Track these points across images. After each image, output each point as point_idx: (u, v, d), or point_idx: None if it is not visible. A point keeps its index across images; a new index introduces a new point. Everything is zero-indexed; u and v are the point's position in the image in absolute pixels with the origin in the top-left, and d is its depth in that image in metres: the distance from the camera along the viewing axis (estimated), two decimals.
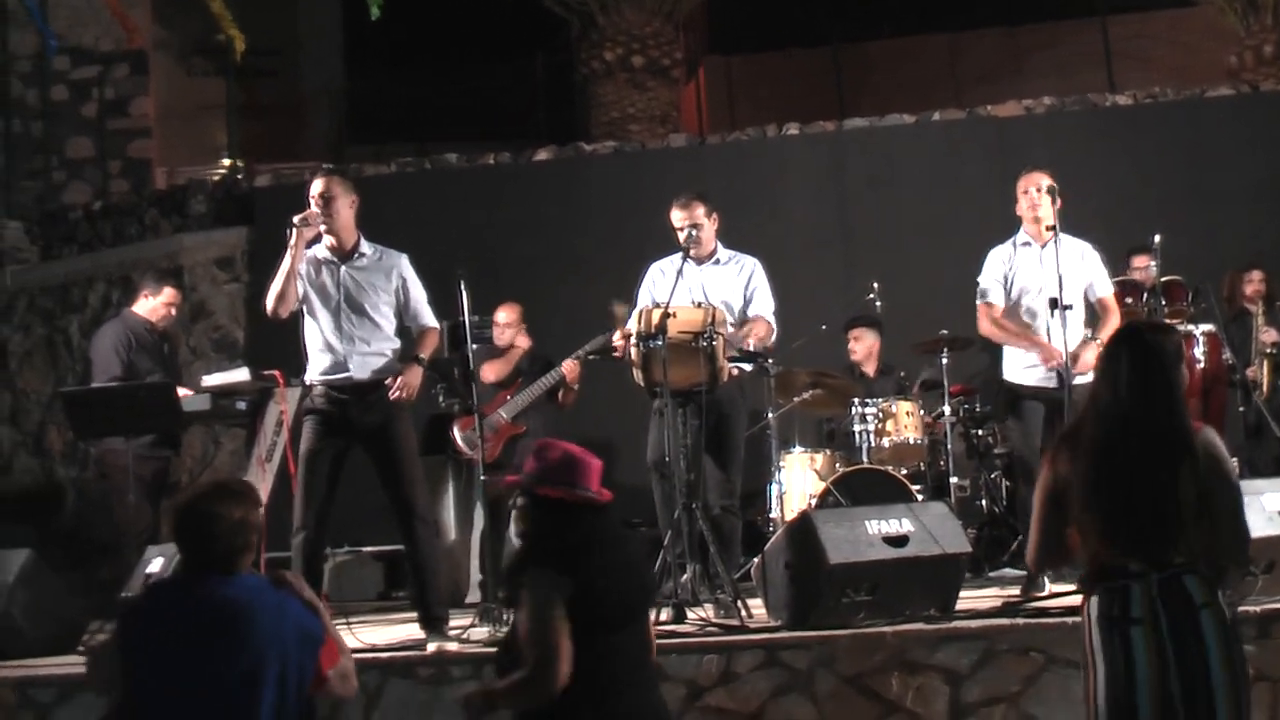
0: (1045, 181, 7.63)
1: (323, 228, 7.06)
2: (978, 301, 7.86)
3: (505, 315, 9.51)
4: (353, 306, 7.06)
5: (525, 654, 4.32)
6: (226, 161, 16.60)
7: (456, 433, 9.03)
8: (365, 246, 7.17)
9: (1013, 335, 7.73)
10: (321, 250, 7.14)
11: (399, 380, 6.99)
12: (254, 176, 13.58)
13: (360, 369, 7.02)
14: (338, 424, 6.99)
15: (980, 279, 7.87)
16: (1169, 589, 3.96)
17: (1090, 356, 7.19)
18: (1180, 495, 4.00)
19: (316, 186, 7.10)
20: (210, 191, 13.13)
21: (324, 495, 6.97)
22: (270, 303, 7.07)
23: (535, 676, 4.28)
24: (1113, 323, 7.52)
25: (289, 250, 6.98)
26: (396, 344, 7.18)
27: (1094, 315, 7.77)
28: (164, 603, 4.33)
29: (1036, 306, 7.68)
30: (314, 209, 7.04)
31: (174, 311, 9.31)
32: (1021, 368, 7.73)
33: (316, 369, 7.08)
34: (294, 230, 6.96)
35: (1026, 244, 7.79)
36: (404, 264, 7.25)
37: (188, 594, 4.26)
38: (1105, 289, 7.76)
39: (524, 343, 9.45)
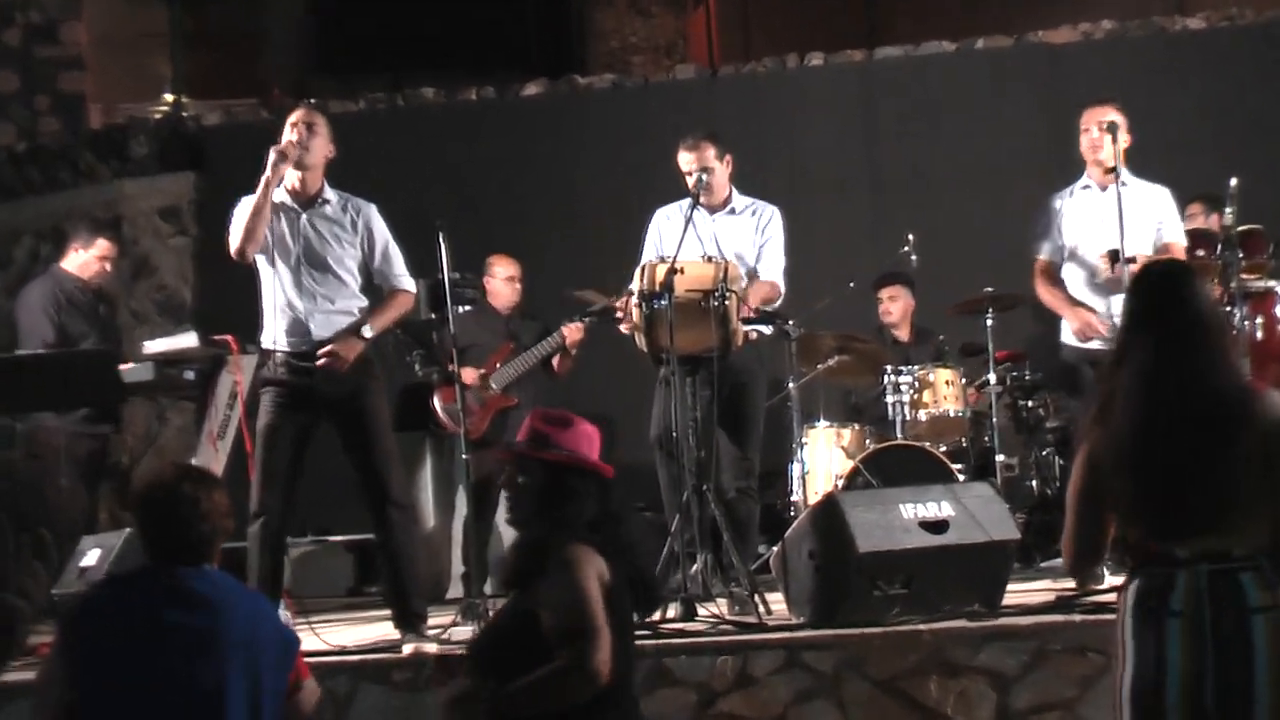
0: (1109, 116, 7.65)
1: (287, 179, 7.05)
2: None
3: (505, 268, 9.50)
4: (313, 261, 7.06)
5: (559, 641, 4.23)
6: (171, 97, 16.52)
7: (438, 404, 9.04)
8: (329, 193, 7.17)
9: (1054, 300, 7.85)
10: (279, 193, 7.11)
11: (328, 348, 6.97)
12: (203, 115, 13.53)
13: (324, 329, 7.03)
14: (300, 395, 7.00)
15: (1035, 228, 7.95)
16: (1220, 584, 3.81)
17: None
18: (1240, 472, 3.81)
19: (297, 113, 7.12)
20: (153, 131, 13.10)
21: (286, 476, 6.98)
22: (236, 240, 7.04)
23: (582, 665, 4.18)
24: None
25: (263, 180, 6.95)
26: (364, 303, 7.18)
27: None
28: (119, 599, 4.37)
29: (1093, 260, 7.73)
30: (294, 138, 7.02)
31: (110, 267, 9.33)
32: (1074, 330, 7.82)
33: (274, 333, 7.09)
34: (273, 160, 6.94)
35: (1086, 187, 7.84)
36: (372, 212, 7.26)
37: (150, 588, 4.31)
38: (1175, 235, 7.79)
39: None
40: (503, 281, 9.49)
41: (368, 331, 7.07)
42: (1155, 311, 4.02)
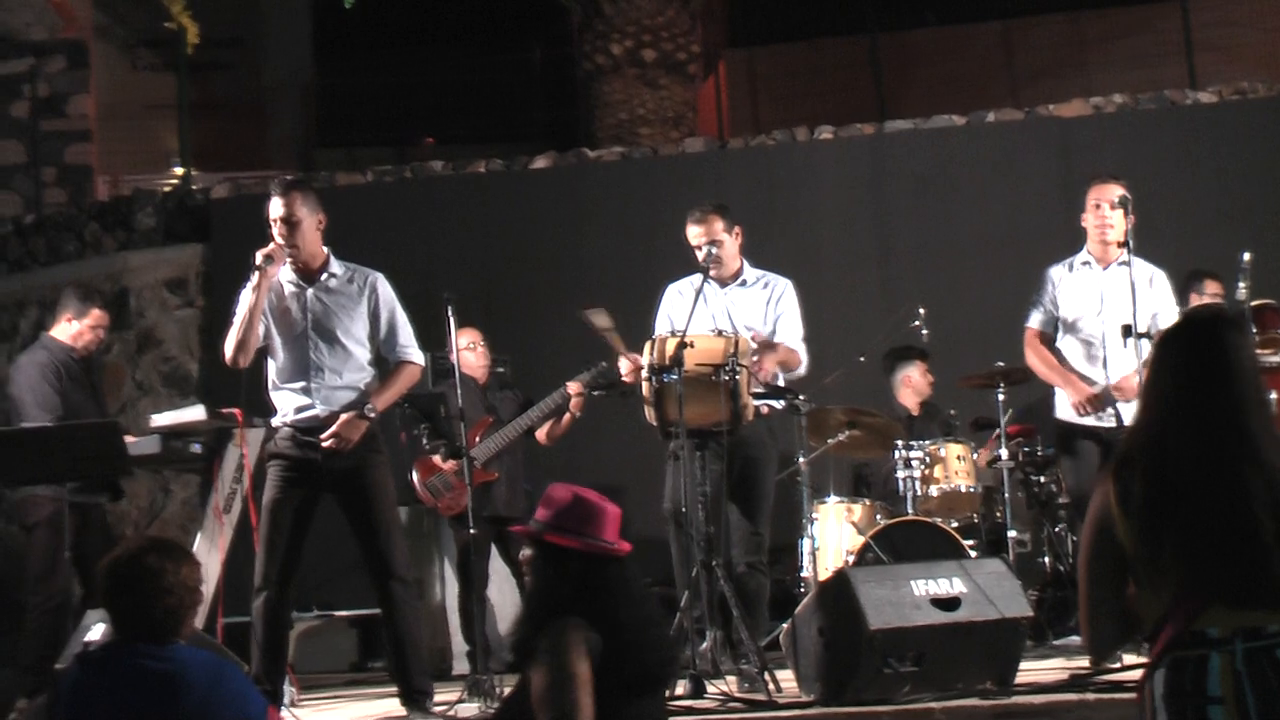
0: (1118, 193, 7.69)
1: (288, 260, 7.06)
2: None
3: (465, 338, 9.49)
4: (321, 334, 7.06)
5: (540, 715, 4.32)
6: (178, 169, 16.61)
7: (415, 479, 8.97)
8: (335, 265, 7.17)
9: (1048, 368, 7.92)
10: (285, 273, 7.13)
11: (333, 429, 6.95)
12: (210, 186, 13.61)
13: (327, 403, 7.02)
14: (304, 469, 6.99)
15: (1033, 298, 8.06)
16: (1259, 662, 3.51)
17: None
18: (1273, 533, 3.54)
19: (276, 208, 7.03)
20: (159, 203, 13.18)
21: (289, 551, 6.96)
22: (229, 351, 7.04)
23: None
24: None
25: (251, 291, 6.96)
26: (371, 375, 7.17)
27: None
28: (84, 681, 4.32)
29: (1092, 336, 7.78)
30: (278, 241, 7.01)
31: (102, 335, 9.35)
32: (1072, 404, 7.84)
33: (281, 406, 7.10)
34: (257, 271, 6.95)
35: (1086, 264, 7.89)
36: (380, 283, 7.24)
37: (115, 666, 4.26)
38: (1171, 320, 7.79)
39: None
40: (465, 352, 9.40)
41: (371, 411, 7.05)
42: (1199, 360, 3.73)
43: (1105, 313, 7.76)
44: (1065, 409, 7.88)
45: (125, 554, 4.37)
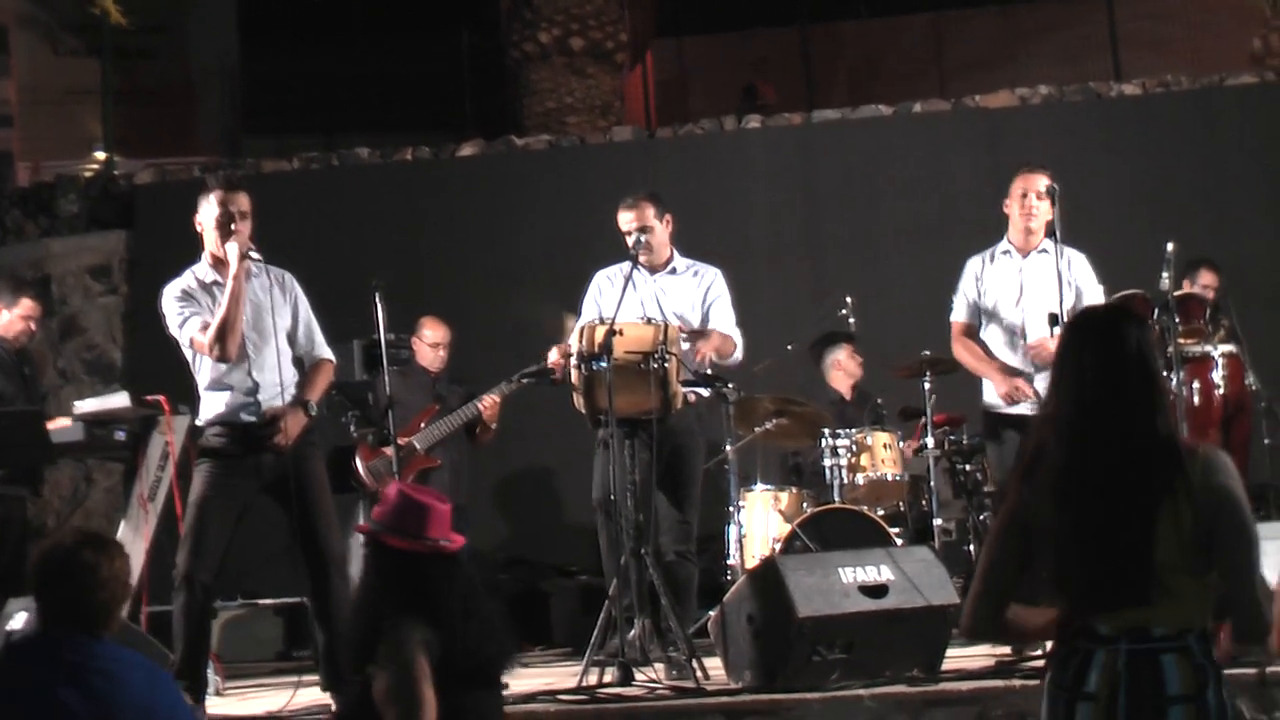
0: (1044, 183, 7.72)
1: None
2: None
3: (433, 333, 9.55)
4: (258, 330, 7.01)
5: (386, 713, 4.38)
6: (101, 155, 16.49)
7: (359, 463, 9.01)
8: (253, 261, 7.10)
9: (975, 360, 7.91)
10: (209, 272, 7.06)
11: (278, 425, 6.90)
12: (134, 172, 13.50)
13: (273, 400, 6.98)
14: (240, 468, 6.94)
15: (955, 293, 8.05)
16: (1139, 668, 3.48)
17: None
18: (1166, 536, 3.49)
19: (243, 201, 6.97)
20: (83, 189, 13.08)
21: (217, 550, 6.89)
22: (218, 348, 6.86)
23: None
24: None
25: (232, 280, 6.85)
26: (296, 371, 7.17)
27: None
28: (12, 672, 4.29)
29: (1015, 324, 7.79)
30: (244, 227, 6.95)
31: (34, 326, 9.24)
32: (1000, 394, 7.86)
33: (213, 404, 7.01)
34: (238, 255, 6.85)
35: (1006, 253, 7.89)
36: (295, 282, 7.24)
37: (44, 661, 4.21)
38: (1094, 298, 7.80)
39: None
40: (428, 347, 9.51)
41: (313, 408, 7.05)
42: (1079, 357, 3.68)
43: (1025, 301, 7.76)
44: (992, 397, 7.89)
45: (59, 546, 4.34)
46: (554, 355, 7.77)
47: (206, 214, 6.99)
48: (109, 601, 4.27)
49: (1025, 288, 7.79)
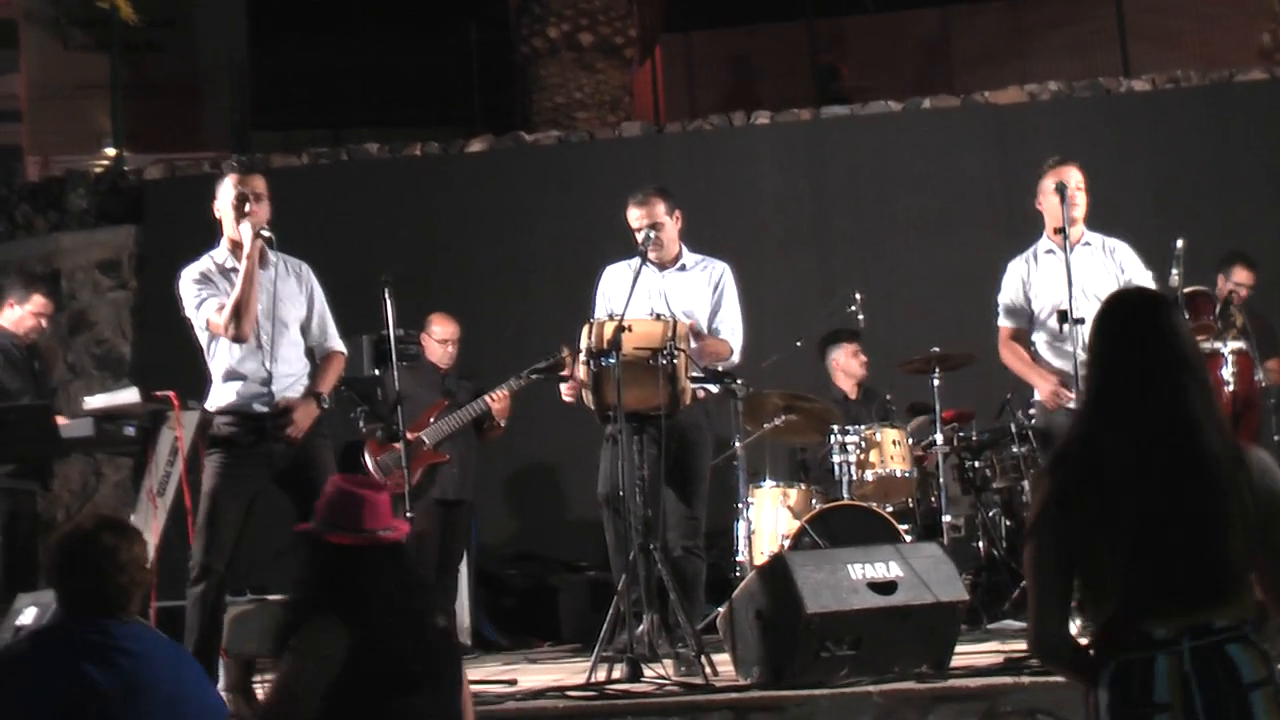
0: (1077, 175, 7.66)
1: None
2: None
3: (442, 329, 9.56)
4: (274, 320, 7.02)
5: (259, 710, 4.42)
6: (110, 150, 16.47)
7: (368, 459, 9.07)
8: (270, 252, 7.13)
9: (1020, 364, 7.79)
10: (228, 258, 7.08)
11: (292, 417, 6.93)
12: (143, 168, 13.50)
13: (286, 391, 7.00)
14: (252, 458, 6.95)
15: (998, 298, 7.93)
16: (1207, 663, 3.34)
17: None
18: (1230, 531, 3.37)
19: (258, 184, 7.02)
20: (92, 184, 13.08)
21: (232, 540, 6.91)
22: (234, 327, 6.88)
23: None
24: None
25: (245, 260, 6.87)
26: (307, 363, 7.19)
27: None
28: (40, 657, 4.29)
29: (1081, 314, 7.66)
30: (261, 210, 6.97)
31: (45, 323, 9.27)
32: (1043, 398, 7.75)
33: (226, 393, 7.02)
34: (253, 238, 6.87)
35: (1050, 252, 7.75)
36: (311, 273, 7.27)
37: (71, 643, 4.23)
38: (1143, 282, 7.66)
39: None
40: (437, 343, 9.54)
41: (325, 400, 7.07)
42: (1134, 346, 3.54)
43: (1078, 298, 7.60)
44: (1040, 401, 7.83)
45: (78, 530, 4.38)
46: (566, 392, 7.81)
47: (223, 196, 7.03)
48: (129, 585, 4.30)
49: (1075, 284, 7.61)
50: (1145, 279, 7.66)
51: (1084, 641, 3.55)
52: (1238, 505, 3.38)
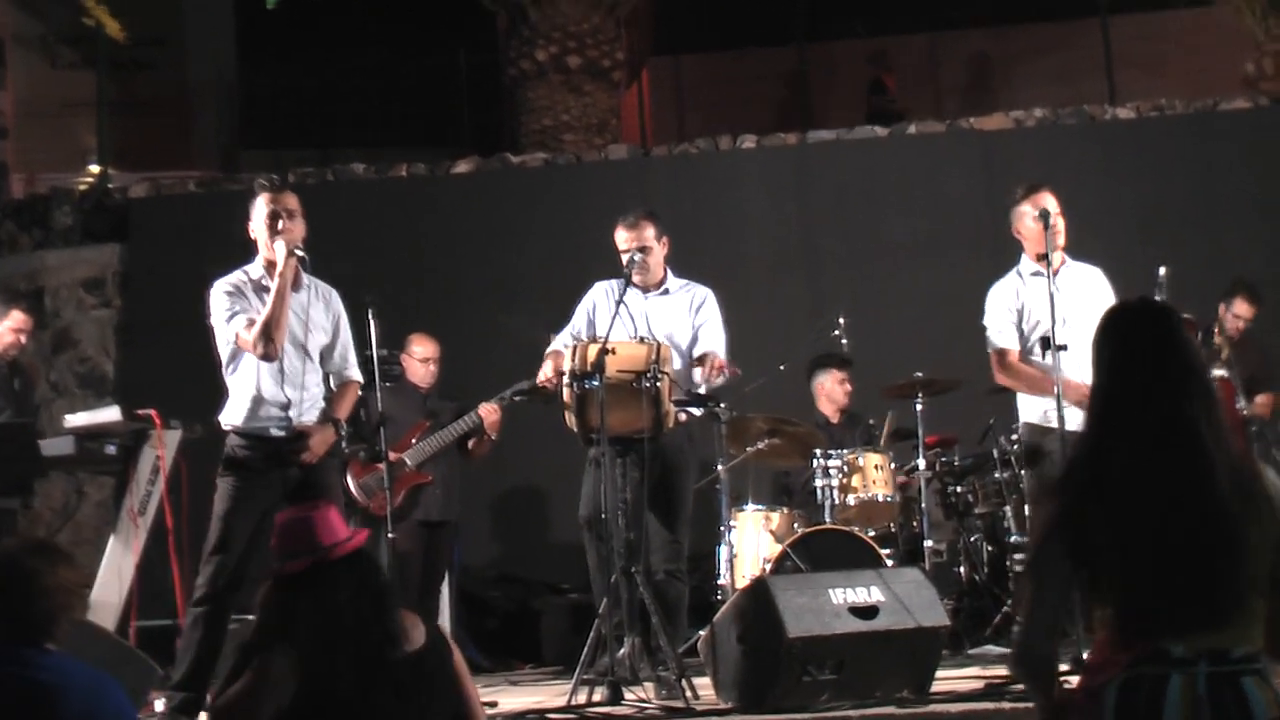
0: (1056, 202, 7.63)
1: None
2: (989, 349, 7.75)
3: (423, 349, 9.56)
4: (295, 343, 6.96)
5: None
6: (96, 168, 16.47)
7: (351, 480, 9.03)
8: (303, 275, 7.08)
9: (1028, 381, 7.60)
10: (258, 270, 7.04)
11: (309, 441, 6.90)
12: (129, 186, 13.49)
13: (303, 416, 6.96)
14: (267, 481, 6.90)
15: (986, 322, 7.76)
16: (1221, 692, 3.23)
17: None
18: (1256, 551, 3.28)
19: (290, 201, 6.98)
20: (77, 202, 13.07)
21: (241, 564, 6.84)
22: (262, 345, 6.81)
23: None
24: None
25: (278, 278, 6.83)
26: (323, 390, 7.15)
27: None
28: None
29: (1064, 341, 7.60)
30: (291, 225, 6.94)
31: (25, 339, 9.24)
32: (1043, 411, 7.52)
33: (245, 413, 6.94)
34: (285, 254, 6.85)
35: (1036, 274, 7.69)
36: (339, 300, 7.22)
37: None
38: None
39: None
40: (418, 363, 9.54)
41: (342, 427, 7.07)
42: (1136, 356, 3.47)
43: (1068, 319, 7.54)
44: (1031, 415, 7.64)
45: (2, 554, 4.26)
46: (545, 373, 7.73)
47: (256, 215, 6.99)
48: (53, 611, 4.16)
49: (1062, 305, 7.55)
50: None
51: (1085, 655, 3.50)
52: (1258, 525, 3.31)
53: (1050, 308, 7.33)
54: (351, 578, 4.42)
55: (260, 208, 6.98)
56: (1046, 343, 7.29)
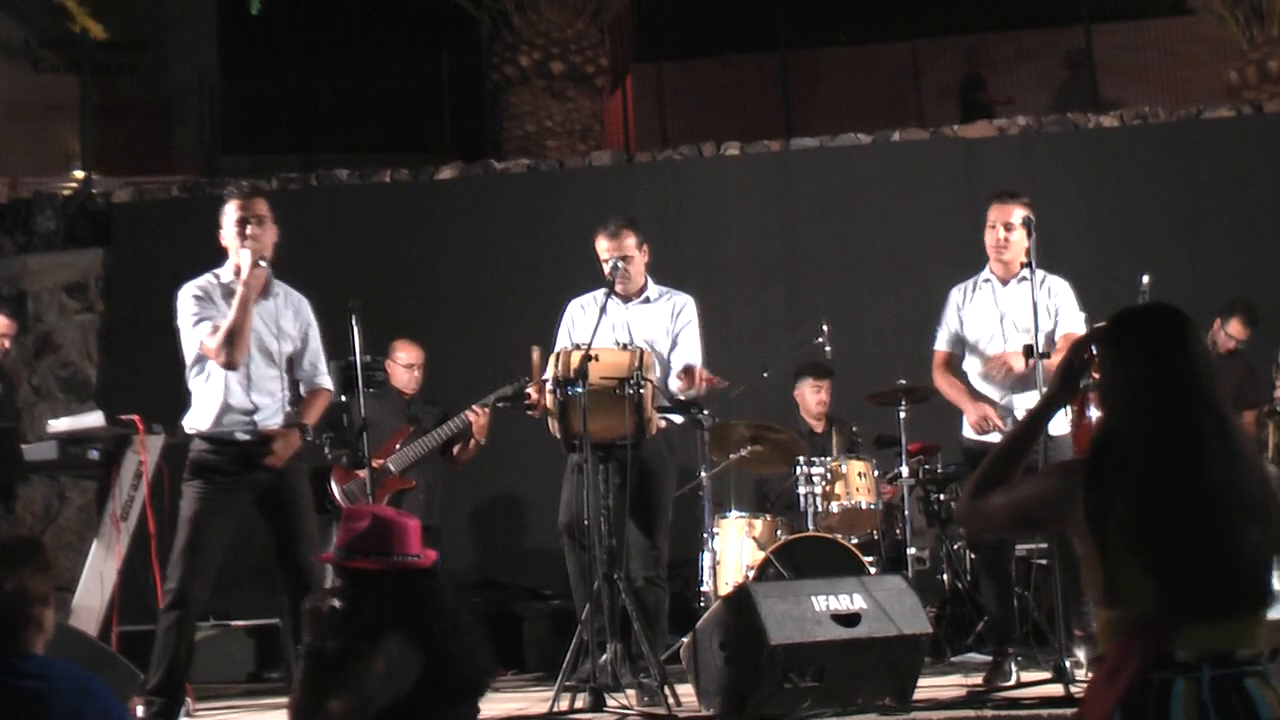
0: (1020, 214, 7.68)
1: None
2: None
3: (407, 355, 9.56)
4: (263, 350, 6.99)
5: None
6: (79, 173, 16.44)
7: (334, 486, 9.03)
8: (276, 283, 7.10)
9: (951, 390, 7.85)
10: (227, 273, 7.05)
11: (274, 446, 6.91)
12: (111, 190, 13.46)
13: (271, 420, 6.98)
14: (233, 485, 6.91)
15: (940, 320, 8.02)
16: (1225, 695, 3.24)
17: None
18: (1246, 537, 3.28)
19: (260, 207, 6.98)
20: (60, 207, 13.04)
21: (210, 568, 6.85)
22: (224, 354, 6.83)
23: None
24: None
25: (242, 286, 6.84)
26: (291, 395, 7.16)
27: None
28: None
29: (989, 355, 7.75)
30: (259, 232, 6.94)
31: (8, 343, 9.24)
32: (970, 422, 7.82)
33: (211, 418, 6.96)
34: (250, 264, 6.85)
35: (987, 281, 7.86)
36: (308, 307, 7.24)
37: None
38: (1073, 324, 7.70)
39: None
40: (402, 368, 9.54)
41: (309, 432, 7.07)
42: (1160, 358, 3.47)
43: (1005, 330, 7.75)
44: (970, 430, 7.88)
45: None
46: (534, 391, 7.75)
47: (226, 221, 7.00)
48: (19, 620, 4.06)
49: (1005, 318, 7.75)
50: (1077, 319, 7.71)
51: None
52: (1257, 517, 3.32)
53: (1034, 315, 7.36)
54: (442, 586, 4.72)
55: (230, 213, 7.00)
56: (1030, 350, 7.34)
